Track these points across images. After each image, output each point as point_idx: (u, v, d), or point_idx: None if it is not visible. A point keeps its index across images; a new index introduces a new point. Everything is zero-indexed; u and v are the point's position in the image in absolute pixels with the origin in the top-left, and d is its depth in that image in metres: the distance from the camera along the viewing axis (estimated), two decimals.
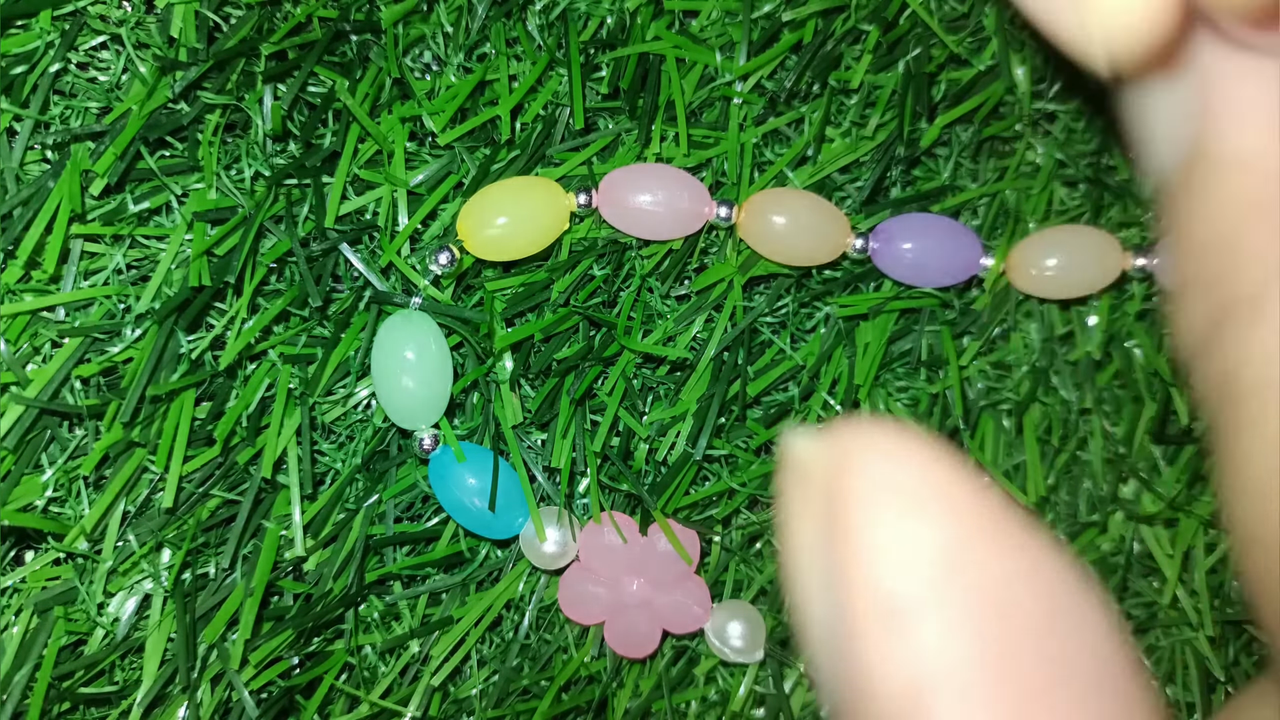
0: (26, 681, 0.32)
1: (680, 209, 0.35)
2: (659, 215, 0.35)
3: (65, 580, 0.33)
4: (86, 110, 0.32)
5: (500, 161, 0.35)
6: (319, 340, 0.35)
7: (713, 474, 0.38)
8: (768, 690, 0.38)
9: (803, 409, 0.37)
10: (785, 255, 0.36)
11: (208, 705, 0.34)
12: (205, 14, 0.32)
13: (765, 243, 0.35)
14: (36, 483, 0.32)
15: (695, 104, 0.37)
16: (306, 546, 0.34)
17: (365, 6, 0.35)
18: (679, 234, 0.35)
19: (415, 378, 0.34)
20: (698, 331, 0.37)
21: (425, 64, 0.36)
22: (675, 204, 0.35)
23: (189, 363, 0.33)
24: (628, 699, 0.38)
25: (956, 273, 0.36)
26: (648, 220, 0.35)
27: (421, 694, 0.36)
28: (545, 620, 0.38)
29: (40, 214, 0.31)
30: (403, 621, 0.37)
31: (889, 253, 0.36)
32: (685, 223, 0.35)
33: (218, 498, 0.34)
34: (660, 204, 0.35)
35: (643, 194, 0.35)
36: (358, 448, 0.35)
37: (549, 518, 0.36)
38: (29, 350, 0.32)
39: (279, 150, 0.34)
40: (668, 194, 0.35)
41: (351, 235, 0.34)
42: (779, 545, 0.25)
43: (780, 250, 0.35)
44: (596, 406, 0.36)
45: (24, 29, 0.31)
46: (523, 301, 0.35)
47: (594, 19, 0.36)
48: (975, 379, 0.38)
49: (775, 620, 0.38)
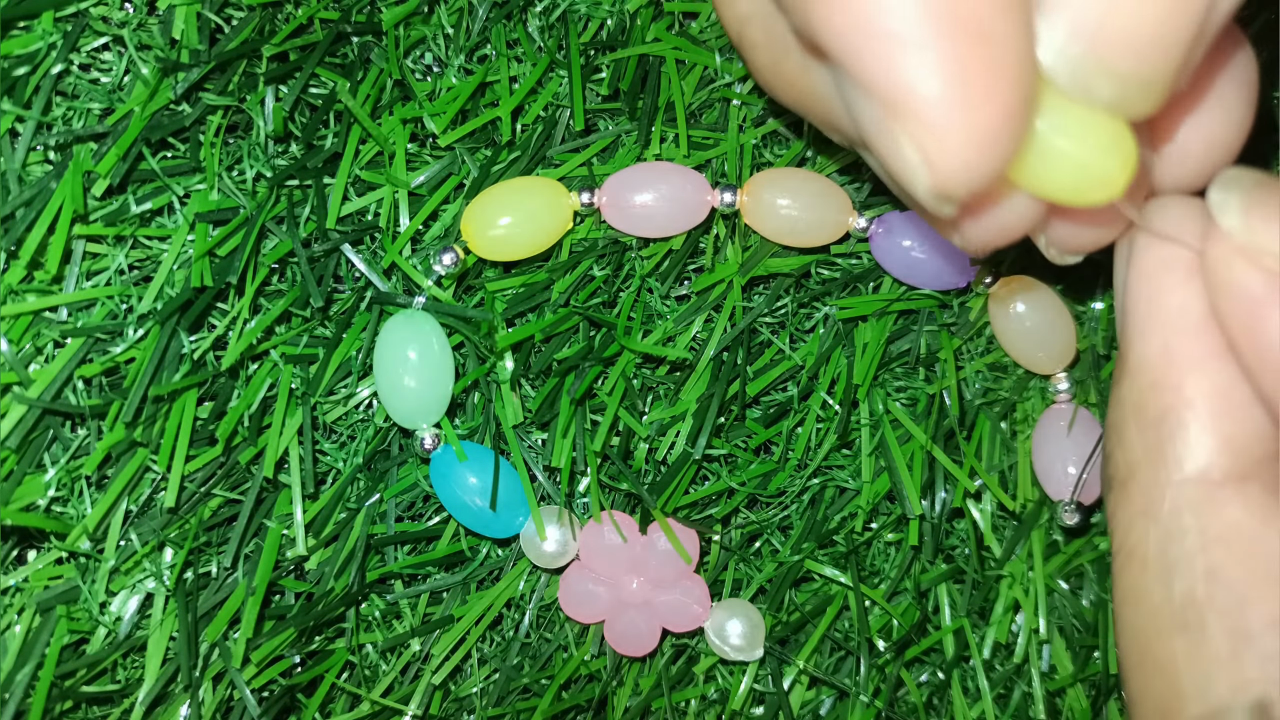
0: (29, 680, 0.32)
1: (684, 200, 0.35)
2: (664, 211, 0.35)
3: (67, 579, 0.33)
4: (89, 111, 0.32)
5: (501, 163, 0.36)
6: (320, 340, 0.35)
7: (712, 473, 0.38)
8: (767, 689, 0.38)
9: (801, 409, 0.37)
10: (790, 236, 0.36)
11: (209, 704, 0.35)
12: (207, 15, 0.32)
13: (770, 224, 0.35)
14: (39, 482, 0.32)
15: (695, 105, 0.37)
16: (308, 545, 0.34)
17: (366, 8, 0.35)
18: (685, 227, 0.36)
19: (417, 377, 0.34)
20: (697, 331, 0.37)
21: (426, 65, 0.36)
22: (679, 197, 0.35)
23: (191, 363, 0.33)
24: (627, 697, 0.38)
25: (949, 279, 0.36)
26: (653, 217, 0.35)
27: (422, 692, 0.37)
28: (545, 619, 0.38)
29: (43, 215, 0.31)
30: (404, 620, 0.37)
31: (888, 245, 0.36)
32: (690, 214, 0.35)
33: (220, 497, 0.34)
34: (664, 199, 0.35)
35: (645, 192, 0.35)
36: (359, 447, 0.36)
37: (549, 517, 0.36)
38: (31, 350, 0.32)
39: (281, 151, 0.35)
40: (670, 188, 0.35)
41: (353, 236, 0.34)
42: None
43: (785, 231, 0.35)
44: (596, 406, 0.36)
45: (26, 30, 0.31)
46: (523, 302, 0.35)
47: (594, 21, 0.36)
48: (972, 379, 0.39)
49: (774, 619, 0.38)
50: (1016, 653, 0.39)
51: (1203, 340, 0.21)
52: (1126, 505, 0.22)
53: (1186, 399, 0.21)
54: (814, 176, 0.36)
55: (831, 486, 0.38)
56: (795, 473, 0.38)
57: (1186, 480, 0.21)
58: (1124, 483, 0.22)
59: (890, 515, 0.38)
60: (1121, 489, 0.22)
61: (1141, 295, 0.22)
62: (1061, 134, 0.19)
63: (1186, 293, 0.21)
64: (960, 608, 0.39)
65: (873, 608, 0.39)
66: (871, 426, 0.38)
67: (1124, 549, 0.22)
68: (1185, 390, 0.21)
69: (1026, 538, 0.39)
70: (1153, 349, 0.21)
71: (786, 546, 0.38)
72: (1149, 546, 0.21)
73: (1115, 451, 0.22)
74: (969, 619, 0.39)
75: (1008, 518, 0.39)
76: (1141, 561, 0.21)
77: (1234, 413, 0.21)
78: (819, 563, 0.38)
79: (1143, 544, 0.21)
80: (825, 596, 0.39)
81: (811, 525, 0.38)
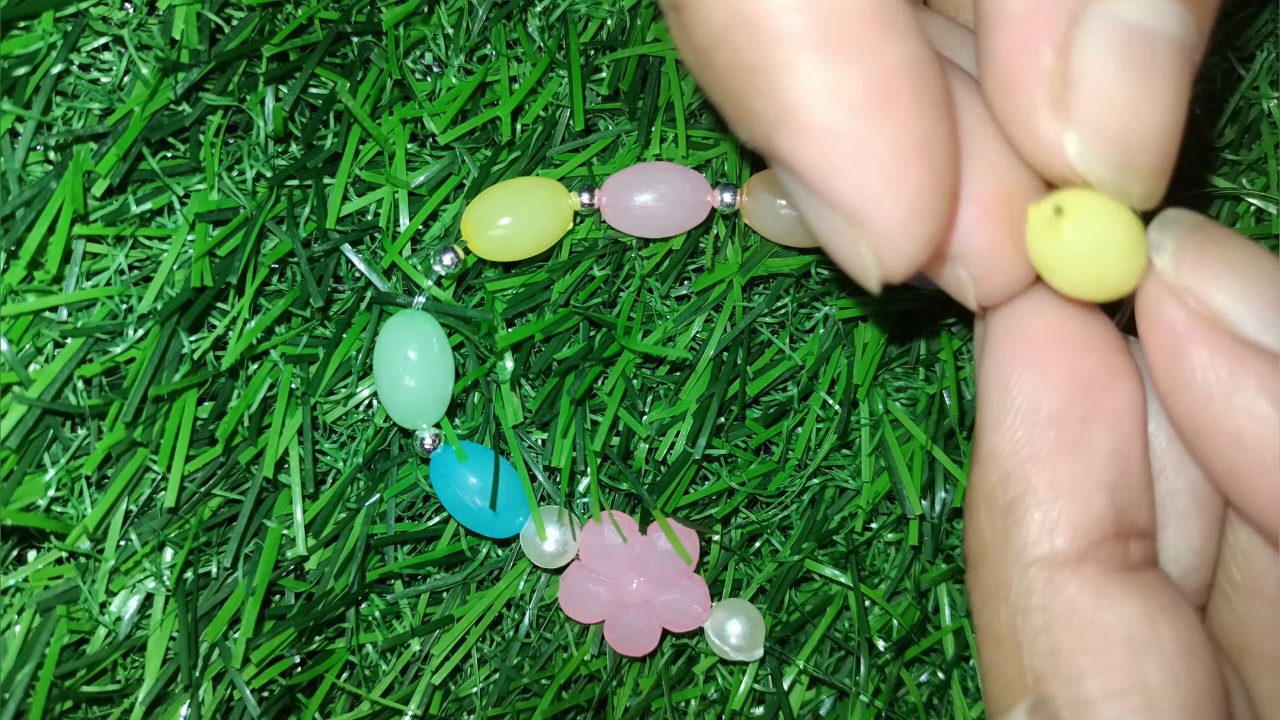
0: (29, 680, 0.32)
1: (685, 201, 0.35)
2: (664, 211, 0.35)
3: (67, 579, 0.33)
4: (89, 111, 0.32)
5: (501, 163, 0.36)
6: (320, 340, 0.35)
7: (712, 473, 0.38)
8: (767, 689, 0.39)
9: (801, 409, 0.37)
10: (790, 237, 0.35)
11: (209, 704, 0.35)
12: (207, 16, 0.32)
13: (770, 225, 0.35)
14: (39, 482, 0.32)
15: (695, 105, 0.37)
16: (308, 545, 0.34)
17: (366, 8, 0.35)
18: (686, 227, 0.36)
19: (417, 377, 0.34)
20: (697, 331, 0.37)
21: (426, 65, 0.36)
22: (679, 197, 0.35)
23: (191, 363, 0.33)
24: (627, 697, 0.38)
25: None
26: (653, 218, 0.35)
27: (422, 692, 0.37)
28: (545, 619, 0.38)
29: (43, 215, 0.31)
30: (404, 620, 0.37)
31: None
32: (691, 214, 0.35)
33: (220, 497, 0.34)
34: (664, 199, 0.35)
35: (645, 192, 0.35)
36: (359, 447, 0.36)
37: (549, 517, 0.36)
38: (31, 350, 0.32)
39: (280, 151, 0.35)
40: (671, 188, 0.35)
41: (353, 236, 0.34)
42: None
43: (785, 232, 0.35)
44: (596, 406, 0.36)
45: (26, 30, 0.31)
46: (523, 302, 0.35)
47: (594, 21, 0.36)
48: (972, 379, 0.39)
49: (774, 619, 0.38)
50: None
51: (1051, 433, 0.22)
52: (979, 586, 0.23)
53: (1032, 488, 0.22)
54: None
55: (831, 486, 0.38)
56: (795, 473, 0.38)
57: (1030, 563, 0.22)
58: (976, 565, 0.23)
59: (890, 515, 0.38)
60: (975, 570, 0.23)
61: (995, 384, 0.23)
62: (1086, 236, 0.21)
63: (1038, 384, 0.22)
64: (960, 608, 0.39)
65: (873, 608, 0.39)
66: (871, 426, 0.38)
67: (981, 627, 0.23)
68: (1031, 480, 0.22)
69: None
70: (1004, 443, 0.23)
71: (786, 546, 0.38)
72: (1000, 625, 0.22)
73: (970, 535, 0.24)
74: (969, 619, 0.39)
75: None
76: (995, 639, 0.23)
77: (1076, 501, 0.22)
78: (819, 563, 0.38)
79: (995, 622, 0.23)
80: (825, 596, 0.39)
81: (811, 525, 0.38)
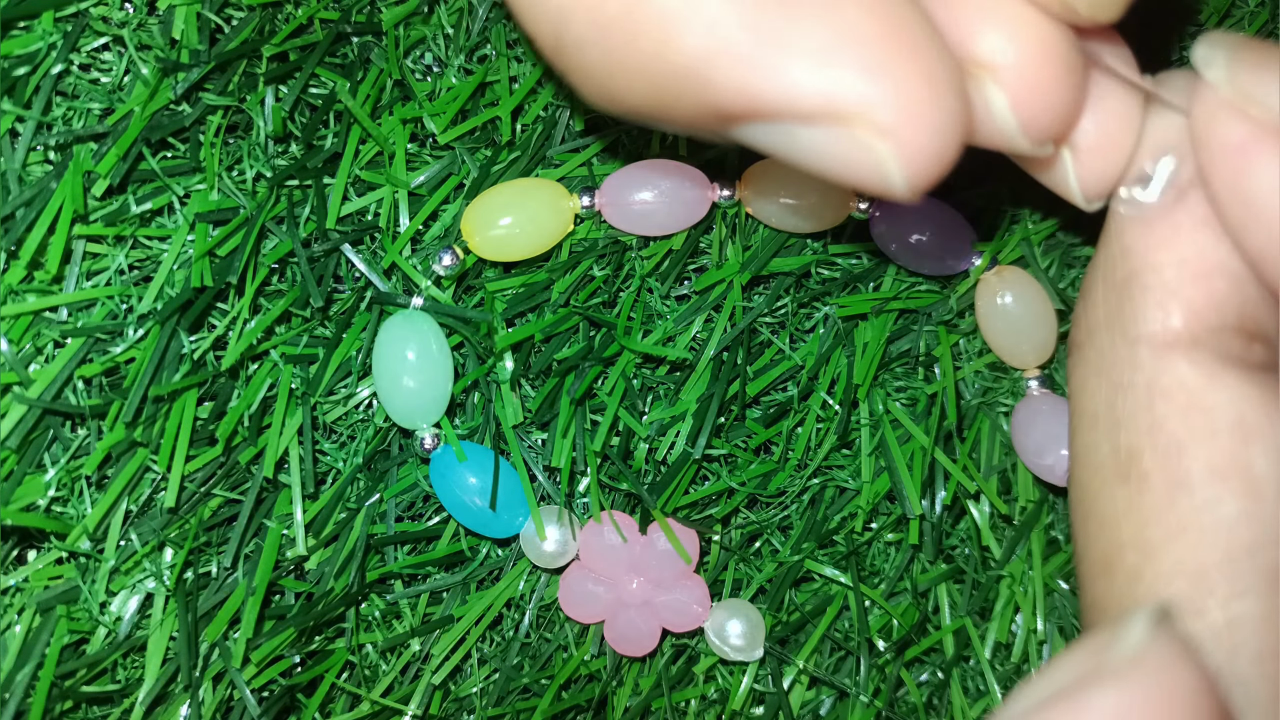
0: (29, 680, 0.32)
1: (685, 196, 0.35)
2: (664, 208, 0.35)
3: (67, 579, 0.33)
4: (89, 111, 0.32)
5: (501, 163, 0.36)
6: (320, 340, 0.35)
7: (712, 473, 0.38)
8: (767, 689, 0.39)
9: (801, 409, 0.37)
10: (792, 223, 0.35)
11: (209, 704, 0.35)
12: (207, 16, 0.32)
13: (771, 213, 0.35)
14: (39, 482, 0.32)
15: None
16: (308, 545, 0.34)
17: (366, 8, 0.35)
18: (686, 224, 0.35)
19: (416, 377, 0.34)
20: (697, 331, 0.37)
21: (426, 65, 0.36)
22: (679, 193, 0.35)
23: (191, 363, 0.33)
24: (627, 697, 0.38)
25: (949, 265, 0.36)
26: (653, 215, 0.35)
27: (422, 692, 0.37)
28: (545, 619, 0.38)
29: (43, 215, 0.31)
30: (404, 620, 0.37)
31: (888, 227, 0.36)
32: (691, 209, 0.35)
33: (220, 497, 0.34)
34: (664, 195, 0.35)
35: (645, 190, 0.35)
36: (359, 447, 0.36)
37: (549, 517, 0.36)
38: (31, 350, 0.32)
39: (280, 151, 0.35)
40: (670, 184, 0.35)
41: (353, 236, 0.34)
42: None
43: (787, 219, 0.35)
44: (596, 406, 0.36)
45: (26, 30, 0.31)
46: (523, 302, 0.35)
47: None
48: (971, 380, 0.39)
49: (774, 619, 0.38)
50: (1015, 652, 0.39)
51: (1179, 210, 0.21)
52: (1082, 365, 0.22)
53: (1153, 264, 0.21)
54: None
55: (831, 486, 0.38)
56: (795, 473, 0.38)
57: (1140, 339, 0.21)
58: (1082, 345, 0.22)
59: (890, 515, 0.38)
60: (1079, 351, 0.22)
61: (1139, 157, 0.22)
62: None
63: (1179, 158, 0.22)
64: (960, 608, 0.39)
65: (873, 608, 0.39)
66: (871, 426, 0.38)
67: (1077, 409, 0.22)
68: (1153, 255, 0.22)
69: (1026, 538, 0.39)
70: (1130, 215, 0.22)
71: (786, 546, 0.38)
72: (1099, 403, 0.22)
73: (1080, 315, 0.23)
74: (969, 619, 0.39)
75: (1007, 519, 0.39)
76: (1092, 418, 0.22)
77: (1197, 281, 0.21)
78: (819, 563, 0.38)
79: (1094, 401, 0.22)
80: (825, 596, 0.39)
81: (811, 525, 0.38)
